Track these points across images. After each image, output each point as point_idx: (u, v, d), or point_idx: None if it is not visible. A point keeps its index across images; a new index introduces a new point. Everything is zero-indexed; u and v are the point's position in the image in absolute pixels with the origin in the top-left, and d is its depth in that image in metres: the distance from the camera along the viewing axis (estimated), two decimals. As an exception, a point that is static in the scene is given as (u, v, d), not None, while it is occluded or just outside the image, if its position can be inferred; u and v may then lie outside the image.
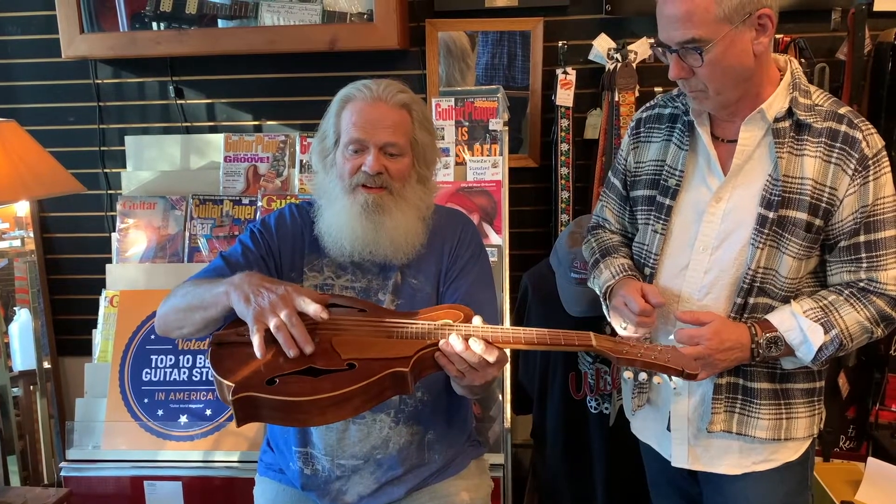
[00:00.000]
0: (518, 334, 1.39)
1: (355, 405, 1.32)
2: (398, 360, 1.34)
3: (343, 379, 1.31)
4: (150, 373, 2.38)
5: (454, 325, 1.40)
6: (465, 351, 1.34)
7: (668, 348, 1.39)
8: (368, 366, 1.34)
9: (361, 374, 1.32)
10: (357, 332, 1.43)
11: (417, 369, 1.37)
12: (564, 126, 2.60)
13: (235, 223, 2.58)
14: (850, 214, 1.49)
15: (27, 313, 2.86)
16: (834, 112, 1.51)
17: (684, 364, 1.35)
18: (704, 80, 1.47)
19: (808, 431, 1.62)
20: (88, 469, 2.30)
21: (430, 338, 1.38)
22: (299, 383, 1.31)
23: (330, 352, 1.37)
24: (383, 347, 1.38)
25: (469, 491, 1.70)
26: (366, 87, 1.60)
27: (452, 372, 1.38)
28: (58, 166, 2.30)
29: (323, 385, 1.30)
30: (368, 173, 1.56)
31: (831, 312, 1.51)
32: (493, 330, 1.38)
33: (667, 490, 1.87)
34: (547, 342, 1.38)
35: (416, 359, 1.35)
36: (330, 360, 1.35)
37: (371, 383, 1.31)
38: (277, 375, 1.32)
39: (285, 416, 1.32)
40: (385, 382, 1.33)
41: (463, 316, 1.44)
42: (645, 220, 1.68)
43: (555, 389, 2.33)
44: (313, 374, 1.33)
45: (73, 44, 2.71)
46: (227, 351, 1.41)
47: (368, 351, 1.37)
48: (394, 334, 1.41)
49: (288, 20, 2.67)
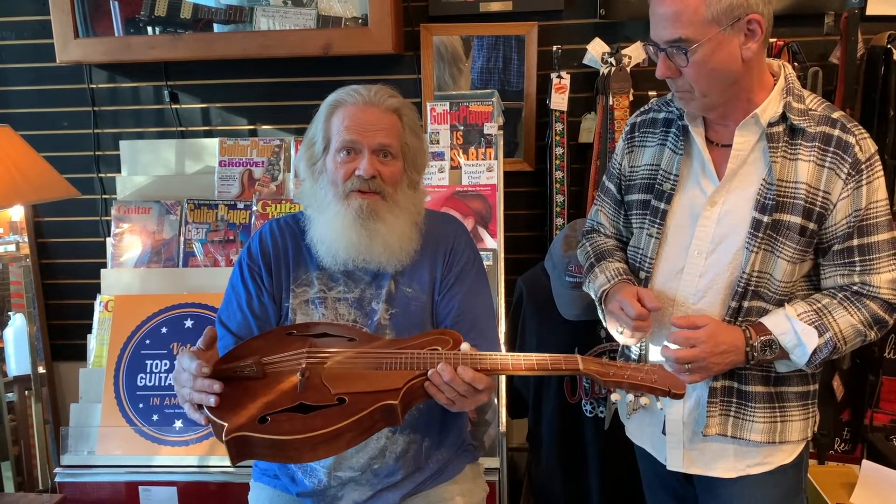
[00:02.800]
0: (506, 360, 1.41)
1: (347, 440, 1.35)
2: (388, 392, 1.36)
3: (333, 415, 1.33)
4: (144, 378, 2.38)
5: (443, 353, 1.41)
6: (452, 380, 1.36)
7: (655, 368, 1.40)
8: (358, 400, 1.35)
9: (352, 409, 1.33)
10: (346, 365, 1.44)
11: (407, 400, 1.38)
12: (559, 130, 2.60)
13: (230, 227, 2.57)
14: (844, 218, 1.50)
15: (22, 318, 2.85)
16: (827, 116, 1.52)
17: (671, 384, 1.37)
18: (690, 80, 1.48)
19: (802, 434, 1.63)
20: (83, 474, 2.29)
21: (418, 368, 1.39)
22: (291, 421, 1.32)
23: (320, 386, 1.39)
24: (372, 380, 1.39)
25: (464, 496, 1.69)
26: (356, 91, 1.60)
27: (442, 400, 1.40)
28: (52, 171, 2.29)
29: (314, 422, 1.32)
30: (363, 177, 1.56)
31: (825, 316, 1.51)
32: (481, 356, 1.40)
33: (661, 493, 1.87)
34: (534, 368, 1.40)
35: (405, 390, 1.37)
36: (320, 395, 1.37)
37: (362, 418, 1.33)
38: (269, 413, 1.34)
39: (278, 454, 1.34)
40: (375, 416, 1.35)
41: (452, 342, 1.45)
42: (640, 224, 1.69)
43: (550, 393, 2.33)
44: (304, 411, 1.34)
45: (68, 49, 2.71)
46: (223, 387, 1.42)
47: (358, 384, 1.38)
48: (383, 365, 1.41)
49: (282, 25, 2.67)
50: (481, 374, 1.37)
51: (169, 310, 2.43)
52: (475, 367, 1.37)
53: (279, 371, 1.43)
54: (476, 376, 1.36)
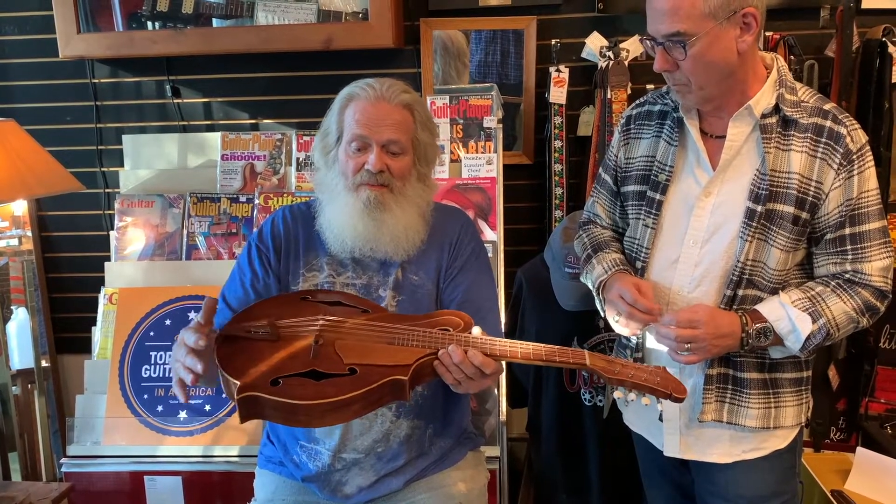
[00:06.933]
0: (515, 348, 1.43)
1: (355, 410, 1.37)
2: (398, 367, 1.38)
3: (344, 384, 1.35)
4: (149, 369, 2.40)
5: (454, 334, 1.43)
6: (462, 362, 1.38)
7: (659, 370, 1.43)
8: (369, 372, 1.37)
9: (362, 381, 1.36)
10: (359, 337, 1.46)
11: (416, 377, 1.41)
12: (558, 123, 2.63)
13: (233, 220, 2.60)
14: (836, 208, 1.53)
15: (24, 312, 2.87)
16: (819, 108, 1.55)
17: (673, 388, 1.39)
18: (688, 73, 1.50)
19: (796, 420, 1.66)
20: (89, 465, 2.32)
21: (429, 346, 1.42)
22: (302, 386, 1.35)
23: (332, 355, 1.41)
24: (384, 354, 1.41)
25: (466, 482, 1.72)
26: (369, 85, 1.62)
27: (449, 380, 1.42)
28: (57, 165, 2.32)
29: (325, 390, 1.34)
30: (371, 171, 1.59)
31: (819, 303, 1.54)
32: (491, 342, 1.42)
33: (659, 479, 1.90)
34: (542, 358, 1.42)
35: (415, 367, 1.39)
36: (332, 363, 1.39)
37: (371, 390, 1.35)
38: (281, 376, 1.36)
39: (287, 417, 1.37)
40: (384, 389, 1.37)
41: (463, 324, 1.47)
42: (636, 214, 1.71)
43: (549, 383, 2.36)
44: (316, 378, 1.37)
45: (71, 43, 2.73)
46: (233, 346, 1.44)
47: (369, 357, 1.41)
48: (395, 341, 1.44)
49: (283, 19, 2.69)
50: (490, 358, 1.40)
51: (172, 302, 2.45)
52: (485, 351, 1.40)
53: (293, 335, 1.46)
54: (485, 360, 1.39)
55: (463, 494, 1.70)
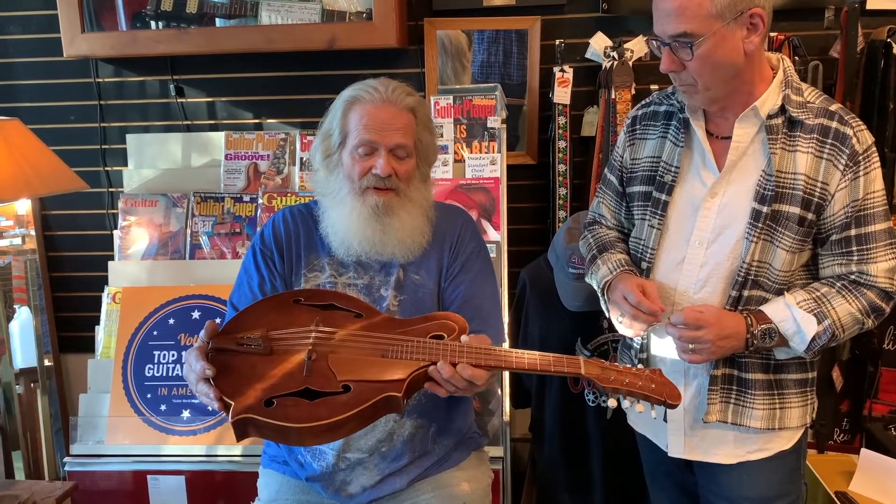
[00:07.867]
0: (509, 357, 1.42)
1: (349, 428, 1.38)
2: (392, 383, 1.38)
3: (338, 404, 1.36)
4: (152, 368, 2.41)
5: (447, 343, 1.43)
6: (452, 377, 1.39)
7: (654, 375, 1.42)
8: (363, 389, 1.38)
9: (356, 399, 1.36)
10: (352, 350, 1.46)
11: (410, 391, 1.41)
12: (562, 123, 2.63)
13: (237, 220, 2.60)
14: (842, 209, 1.52)
15: (28, 311, 2.87)
16: (825, 109, 1.54)
17: (667, 394, 1.39)
18: (694, 74, 1.50)
19: (800, 421, 1.66)
20: (92, 464, 2.32)
21: (422, 359, 1.42)
22: (296, 407, 1.35)
23: (325, 371, 1.41)
24: (377, 369, 1.41)
25: (469, 481, 1.73)
26: (374, 88, 1.61)
27: (441, 393, 1.43)
28: (61, 164, 2.32)
29: (319, 411, 1.34)
30: (379, 175, 1.59)
31: (824, 304, 1.54)
32: (486, 352, 1.41)
33: (663, 480, 1.90)
34: (537, 367, 1.41)
35: (408, 382, 1.39)
36: (325, 380, 1.40)
37: (364, 409, 1.36)
38: (275, 396, 1.36)
39: (281, 437, 1.38)
40: (378, 405, 1.38)
41: (457, 329, 1.47)
42: (641, 215, 1.71)
43: (553, 383, 2.35)
44: (309, 397, 1.37)
45: (75, 43, 2.73)
46: (225, 361, 1.44)
47: (363, 372, 1.41)
48: (388, 353, 1.43)
49: (287, 19, 2.69)
50: (481, 370, 1.39)
51: (176, 301, 2.46)
52: (478, 363, 1.39)
53: (286, 349, 1.46)
54: (475, 373, 1.39)
55: (467, 494, 1.70)
